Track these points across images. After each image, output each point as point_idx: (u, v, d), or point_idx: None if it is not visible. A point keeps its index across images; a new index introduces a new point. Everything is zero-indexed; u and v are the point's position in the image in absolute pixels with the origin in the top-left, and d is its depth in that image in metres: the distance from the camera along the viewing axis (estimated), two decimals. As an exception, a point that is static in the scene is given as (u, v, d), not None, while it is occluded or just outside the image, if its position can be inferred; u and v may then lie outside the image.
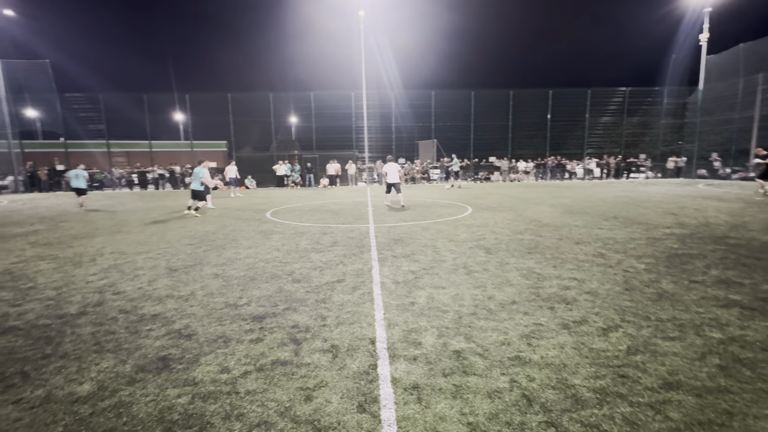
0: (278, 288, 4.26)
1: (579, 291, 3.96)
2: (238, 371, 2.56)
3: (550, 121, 28.32)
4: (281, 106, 27.45)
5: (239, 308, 3.68)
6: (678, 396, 2.20)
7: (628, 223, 7.92)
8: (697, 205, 10.99)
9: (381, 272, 4.77)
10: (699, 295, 3.78)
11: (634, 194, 14.77)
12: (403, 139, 28.87)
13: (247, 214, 10.91)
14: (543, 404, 2.15)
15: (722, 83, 25.04)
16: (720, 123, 25.12)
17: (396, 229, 7.86)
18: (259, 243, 6.72)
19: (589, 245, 6.01)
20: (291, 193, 19.01)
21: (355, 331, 3.13)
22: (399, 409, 2.13)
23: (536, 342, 2.88)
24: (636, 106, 28.62)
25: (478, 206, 11.52)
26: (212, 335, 3.11)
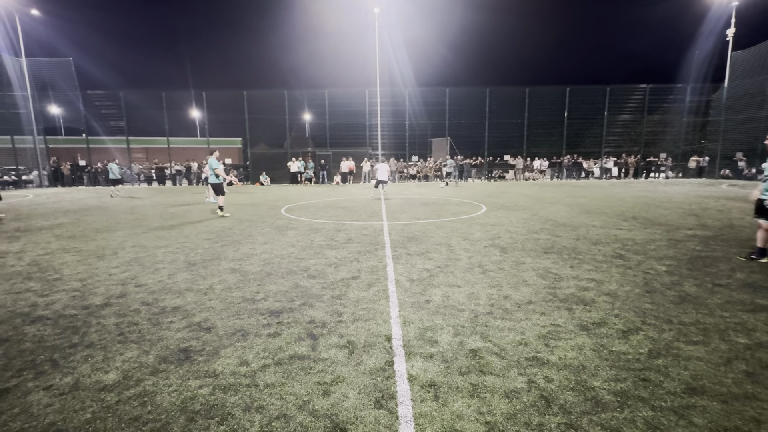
0: (294, 283, 4.31)
1: (598, 292, 3.90)
2: (257, 364, 2.60)
3: (566, 119, 27.79)
4: (295, 104, 27.64)
5: (257, 303, 3.74)
6: (702, 401, 2.15)
7: (648, 224, 7.74)
8: (720, 206, 10.66)
9: (395, 270, 4.78)
10: (724, 299, 3.67)
11: (653, 194, 14.41)
12: (416, 136, 28.73)
13: (262, 210, 11.05)
14: (562, 406, 2.13)
15: (749, 80, 24.12)
16: (746, 121, 24.22)
17: (410, 226, 7.85)
18: (274, 239, 6.81)
19: (607, 246, 5.90)
20: (305, 190, 19.16)
21: (371, 328, 3.14)
22: (416, 406, 2.14)
23: (554, 343, 2.85)
24: (657, 104, 27.83)
25: (492, 205, 11.41)
26: (231, 329, 3.17)
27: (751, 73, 24.07)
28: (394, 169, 26.48)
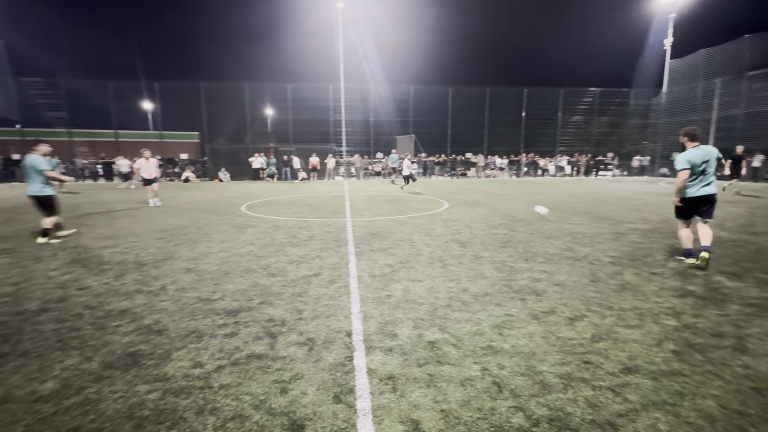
0: (253, 282, 4.20)
1: (549, 283, 4.12)
2: (212, 366, 2.52)
3: (524, 119, 29.02)
4: (256, 98, 26.82)
5: (213, 303, 3.61)
6: (636, 379, 2.35)
7: (596, 219, 8.27)
8: (658, 201, 11.60)
9: (358, 266, 4.79)
10: (658, 286, 4.01)
11: (602, 191, 15.42)
12: (381, 133, 28.84)
13: (220, 207, 10.64)
14: (512, 390, 2.24)
15: (684, 86, 26.38)
16: (681, 124, 26.38)
17: (373, 223, 7.88)
18: (233, 237, 6.59)
19: (559, 239, 6.24)
20: (267, 187, 18.65)
21: (332, 324, 3.14)
22: (374, 399, 2.17)
23: (507, 332, 2.99)
24: (605, 107, 29.76)
25: (454, 201, 11.70)
26: (184, 330, 3.04)
27: (686, 80, 26.32)
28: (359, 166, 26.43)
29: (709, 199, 4.73)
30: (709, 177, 4.70)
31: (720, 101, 23.55)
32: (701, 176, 4.73)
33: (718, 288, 3.95)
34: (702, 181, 4.74)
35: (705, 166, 4.67)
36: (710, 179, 4.70)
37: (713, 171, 4.71)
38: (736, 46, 22.82)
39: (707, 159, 4.67)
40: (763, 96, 21.57)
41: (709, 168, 4.68)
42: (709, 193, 4.71)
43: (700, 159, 4.71)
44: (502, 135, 29.35)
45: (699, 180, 4.76)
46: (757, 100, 21.81)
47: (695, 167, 4.72)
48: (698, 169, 4.74)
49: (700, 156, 4.72)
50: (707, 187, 4.71)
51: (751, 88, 22.05)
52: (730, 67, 23.21)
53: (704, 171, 4.68)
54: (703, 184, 4.73)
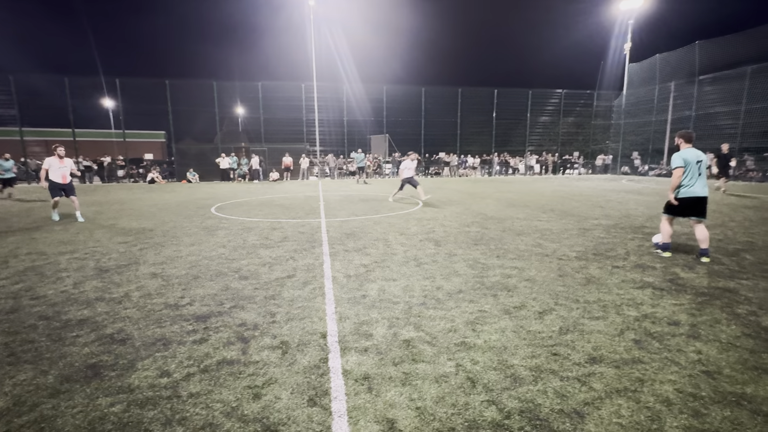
0: (224, 286, 4.08)
1: (519, 279, 4.25)
2: (180, 374, 2.43)
3: (495, 120, 29.73)
4: (226, 96, 26.02)
5: (181, 308, 3.48)
6: (600, 368, 2.46)
7: (563, 216, 8.60)
8: (620, 198, 12.20)
9: (332, 266, 4.75)
10: (620, 279, 4.22)
11: (568, 189, 16.04)
12: (355, 133, 28.73)
13: (189, 209, 10.26)
14: (485, 385, 2.30)
15: (642, 89, 27.89)
16: (640, 125, 28.01)
17: (348, 223, 7.85)
18: (202, 239, 6.37)
19: (529, 236, 6.44)
20: (238, 188, 18.17)
21: (306, 326, 3.10)
22: (350, 400, 2.16)
23: (480, 327, 3.06)
24: (571, 108, 30.97)
25: (428, 200, 11.83)
26: (150, 338, 2.91)
27: (644, 83, 27.84)
28: (333, 165, 26.22)
29: (700, 200, 4.87)
30: (702, 178, 4.86)
31: (674, 103, 25.05)
32: (697, 177, 4.85)
33: (674, 279, 4.20)
34: (697, 181, 4.85)
35: (699, 167, 4.85)
36: (702, 180, 4.86)
37: (704, 173, 4.88)
38: (688, 51, 24.35)
39: (701, 159, 4.85)
40: (711, 99, 23.15)
41: (702, 169, 4.87)
42: (701, 195, 4.85)
43: (694, 159, 4.86)
44: (474, 135, 29.96)
45: (693, 180, 4.86)
46: (706, 102, 23.37)
47: (689, 166, 4.85)
48: (692, 169, 4.86)
49: (694, 157, 4.87)
50: (702, 188, 4.84)
51: (701, 91, 23.60)
52: (683, 71, 24.74)
53: (699, 172, 4.84)
54: (698, 185, 4.85)
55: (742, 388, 2.25)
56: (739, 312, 3.32)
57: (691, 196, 4.87)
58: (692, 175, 4.87)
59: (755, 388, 2.26)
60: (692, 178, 4.87)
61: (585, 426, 1.95)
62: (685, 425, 1.95)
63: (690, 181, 4.88)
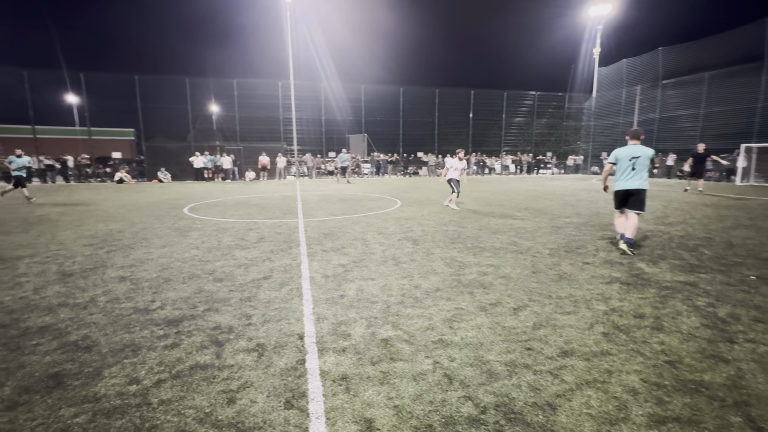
0: (197, 288, 3.96)
1: (495, 276, 4.34)
2: (150, 381, 2.34)
3: (472, 120, 30.24)
4: (199, 93, 25.28)
5: (151, 313, 3.35)
6: (572, 361, 2.55)
7: (537, 214, 8.84)
8: (590, 197, 12.66)
9: (310, 267, 4.70)
10: (590, 275, 4.38)
11: (542, 188, 16.51)
12: (333, 132, 28.55)
13: (160, 210, 9.91)
14: (462, 381, 2.33)
15: (610, 92, 29.05)
16: (608, 126, 29.16)
17: (326, 223, 7.79)
18: (174, 241, 6.16)
19: (504, 234, 6.59)
20: (212, 188, 17.69)
21: (283, 328, 3.05)
22: (327, 401, 2.14)
23: (457, 325, 3.10)
24: (544, 109, 31.91)
25: (406, 200, 11.90)
26: (118, 345, 2.79)
27: (612, 86, 28.99)
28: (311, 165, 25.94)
29: (631, 192, 5.28)
30: (636, 173, 5.24)
31: (640, 106, 26.22)
32: (630, 172, 5.28)
33: (639, 274, 4.40)
34: (628, 176, 5.30)
35: (633, 163, 5.23)
36: (637, 175, 5.24)
37: (642, 169, 5.24)
38: (652, 57, 25.55)
39: (637, 156, 5.23)
40: (674, 102, 24.38)
41: (637, 165, 5.22)
42: (630, 188, 5.28)
43: (627, 156, 5.29)
44: (452, 135, 30.38)
45: (626, 175, 5.32)
46: (669, 105, 24.60)
47: (621, 162, 5.33)
48: (625, 165, 5.30)
49: (628, 153, 5.30)
50: (631, 182, 5.28)
51: (665, 95, 24.82)
52: (648, 75, 25.94)
53: (633, 167, 5.22)
54: (628, 179, 5.30)
55: (700, 376, 2.38)
56: (699, 304, 3.52)
57: (621, 189, 5.38)
58: (624, 170, 5.34)
59: (712, 375, 2.39)
60: (624, 173, 5.34)
61: (557, 417, 2.01)
62: (649, 413, 2.04)
63: (621, 176, 5.38)
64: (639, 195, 5.28)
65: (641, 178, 5.25)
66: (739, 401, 2.14)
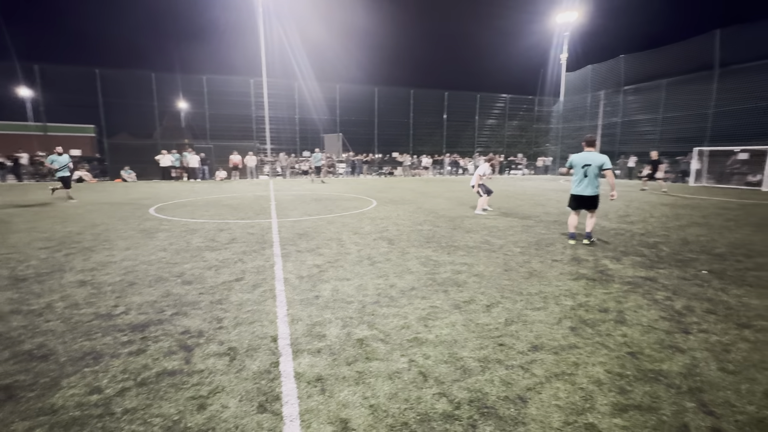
0: (165, 292, 3.81)
1: (469, 274, 4.42)
2: (113, 390, 2.23)
3: (446, 121, 30.69)
4: (166, 89, 24.29)
5: (114, 318, 3.19)
6: (541, 355, 2.64)
7: (508, 213, 9.08)
8: (558, 197, 13.14)
9: (284, 268, 4.62)
10: (558, 272, 4.55)
11: (513, 188, 16.98)
12: (308, 131, 28.18)
13: (124, 210, 9.45)
14: (437, 378, 2.36)
15: (576, 96, 30.27)
16: (575, 129, 30.36)
17: (300, 223, 7.68)
18: (140, 243, 5.89)
19: (477, 233, 6.73)
20: (180, 187, 17.05)
21: (256, 331, 2.98)
22: (302, 403, 2.11)
23: (432, 323, 3.14)
24: (515, 112, 32.85)
25: (381, 200, 11.92)
26: (77, 353, 2.64)
27: (578, 91, 30.22)
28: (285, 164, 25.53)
29: (585, 198, 5.69)
30: (588, 180, 5.61)
31: (604, 111, 27.48)
32: (582, 178, 5.64)
33: (604, 270, 4.61)
34: (582, 183, 5.67)
35: (585, 170, 5.56)
36: (589, 182, 5.61)
37: (593, 176, 5.57)
38: (615, 63, 26.82)
39: (588, 164, 5.55)
40: (635, 107, 25.72)
41: (589, 172, 5.55)
42: (584, 194, 5.68)
43: (580, 162, 5.65)
44: (426, 135, 30.73)
45: (579, 181, 5.68)
46: (630, 110, 25.92)
47: (575, 168, 5.70)
48: (579, 171, 5.66)
49: (581, 160, 5.64)
50: (585, 189, 5.66)
51: (626, 100, 26.13)
52: (611, 81, 27.22)
53: (585, 174, 5.56)
54: (581, 186, 5.69)
55: (659, 366, 2.52)
56: (657, 298, 3.72)
57: (575, 194, 5.80)
58: (578, 176, 5.71)
59: (670, 364, 2.54)
60: (578, 179, 5.71)
61: (527, 410, 2.07)
62: (613, 402, 2.14)
63: (576, 181, 5.75)
64: (592, 201, 5.73)
65: (593, 185, 5.65)
66: (693, 388, 2.29)
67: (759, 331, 3.03)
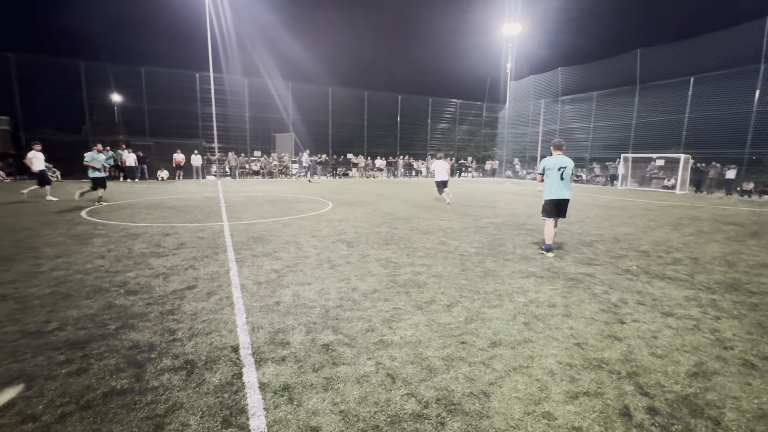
0: (106, 303, 3.49)
1: (428, 275, 4.54)
2: (52, 416, 2.01)
3: (399, 124, 31.19)
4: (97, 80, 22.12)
5: (46, 336, 2.87)
6: (500, 351, 2.79)
7: (462, 215, 9.46)
8: (506, 199, 13.91)
9: (240, 273, 4.44)
10: (510, 270, 4.83)
11: (464, 190, 17.68)
12: (258, 130, 27.18)
13: (49, 213, 8.48)
14: (404, 379, 2.41)
15: (520, 104, 32.27)
16: (519, 135, 32.38)
17: (255, 226, 7.40)
18: (72, 250, 5.33)
19: (434, 235, 6.93)
20: (116, 188, 15.64)
21: (214, 341, 2.84)
22: (270, 414, 2.05)
23: (396, 324, 3.19)
24: (465, 117, 34.23)
25: (338, 201, 11.84)
26: (3, 377, 2.34)
27: (522, 99, 32.23)
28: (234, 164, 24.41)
29: (563, 202, 5.55)
30: (564, 183, 5.49)
31: (544, 118, 29.56)
32: (559, 182, 5.47)
33: (550, 268, 4.97)
34: (559, 186, 5.49)
35: (561, 173, 5.45)
36: (566, 185, 5.51)
37: (568, 178, 5.51)
38: (554, 75, 29.00)
39: (564, 167, 5.46)
40: (570, 116, 27.97)
41: (564, 175, 5.46)
42: (562, 197, 5.51)
43: (555, 165, 5.48)
44: (380, 137, 31.00)
45: (556, 185, 5.48)
46: (567, 119, 28.16)
47: (550, 172, 5.49)
48: (554, 175, 5.47)
49: (556, 163, 5.48)
50: (563, 191, 5.51)
51: (563, 109, 28.35)
52: (550, 91, 29.38)
53: (561, 177, 5.46)
54: (559, 189, 5.50)
55: (601, 354, 2.78)
56: (596, 292, 4.10)
57: (555, 198, 5.55)
58: (553, 179, 5.52)
59: (610, 352, 2.81)
60: (554, 183, 5.52)
61: (491, 404, 2.19)
62: (565, 390, 2.33)
63: (552, 186, 5.54)
64: (567, 204, 5.62)
65: (568, 188, 5.56)
66: (631, 372, 2.56)
67: (679, 319, 3.45)
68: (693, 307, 3.73)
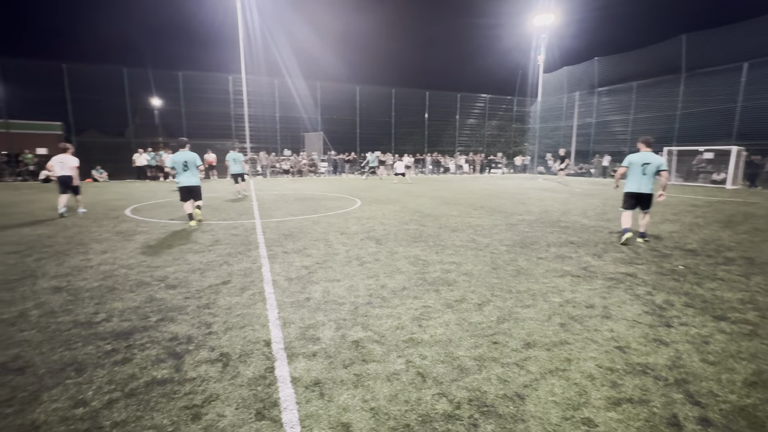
0: (148, 297, 3.67)
1: (458, 273, 4.46)
2: (100, 402, 2.13)
3: (427, 120, 30.88)
4: (138, 85, 23.36)
5: (95, 326, 3.05)
6: (535, 352, 2.69)
7: (492, 212, 9.23)
8: (539, 196, 13.46)
9: (272, 270, 4.54)
10: (544, 269, 4.65)
11: (494, 187, 17.27)
12: (288, 129, 27.76)
13: (97, 212, 9.05)
14: (435, 378, 2.37)
15: (553, 97, 31.07)
16: (552, 129, 31.19)
17: (285, 223, 7.56)
18: (117, 246, 5.66)
19: (463, 232, 6.80)
20: (156, 187, 16.48)
21: (248, 335, 2.91)
22: (302, 408, 2.08)
23: (426, 323, 3.15)
24: (494, 112, 33.40)
25: (366, 199, 11.89)
26: (58, 364, 2.51)
27: (554, 92, 31.02)
28: (266, 163, 25.08)
29: (641, 195, 5.93)
30: (646, 178, 5.85)
31: (579, 111, 28.33)
32: (641, 177, 5.86)
33: (587, 267, 4.75)
34: (640, 180, 5.89)
35: (644, 168, 5.83)
36: (648, 180, 5.85)
37: (651, 174, 5.82)
38: (589, 66, 27.69)
39: (648, 163, 5.81)
40: (607, 108, 26.62)
41: (647, 171, 5.81)
42: (642, 192, 5.91)
43: (639, 161, 5.88)
44: (408, 135, 30.83)
45: (638, 179, 5.89)
46: (604, 111, 26.82)
47: (633, 167, 5.92)
48: (637, 170, 5.88)
49: (641, 159, 5.87)
50: (643, 186, 5.89)
51: (600, 101, 27.02)
52: (585, 83, 28.08)
53: (644, 172, 5.82)
54: (640, 183, 5.90)
55: (646, 359, 2.62)
56: (639, 293, 3.87)
57: (633, 192, 5.99)
58: (636, 175, 5.92)
59: (656, 357, 2.64)
60: (635, 176, 5.93)
61: (526, 407, 2.11)
62: (606, 396, 2.21)
63: (632, 178, 5.97)
64: (648, 198, 5.96)
65: (650, 183, 5.89)
66: (679, 379, 2.39)
67: (734, 323, 3.19)
68: (749, 311, 3.44)
